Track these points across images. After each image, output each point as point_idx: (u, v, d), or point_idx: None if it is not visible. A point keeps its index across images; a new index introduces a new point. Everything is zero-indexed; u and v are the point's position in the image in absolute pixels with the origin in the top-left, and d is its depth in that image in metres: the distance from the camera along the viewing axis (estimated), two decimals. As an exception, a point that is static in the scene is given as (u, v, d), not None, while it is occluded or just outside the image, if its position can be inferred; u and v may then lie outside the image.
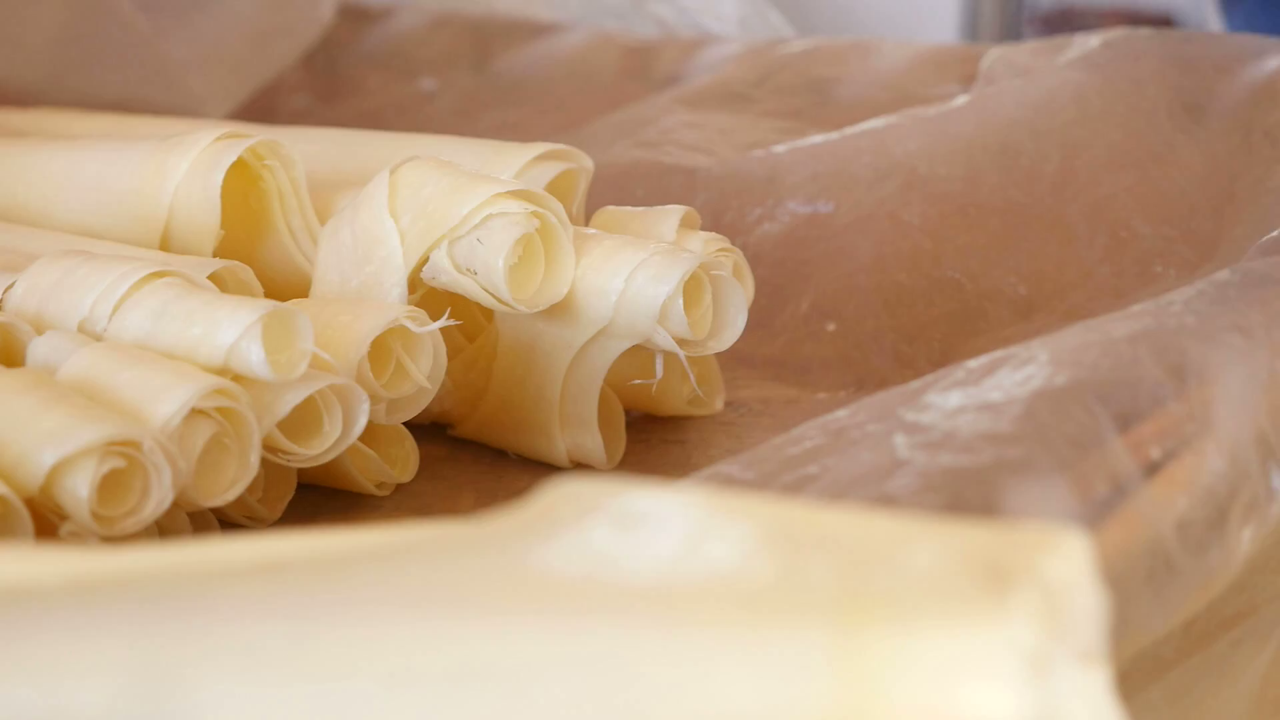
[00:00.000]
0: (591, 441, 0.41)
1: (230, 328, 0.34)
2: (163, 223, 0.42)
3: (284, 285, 0.42)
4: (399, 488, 0.41)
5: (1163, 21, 1.67)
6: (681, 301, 0.38)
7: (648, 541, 0.20)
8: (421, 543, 0.21)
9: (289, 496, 0.39)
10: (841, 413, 0.33)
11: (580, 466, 0.42)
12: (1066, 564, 0.20)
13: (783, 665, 0.18)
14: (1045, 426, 0.27)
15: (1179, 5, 1.72)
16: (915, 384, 0.31)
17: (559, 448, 0.41)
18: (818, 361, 0.47)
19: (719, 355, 0.44)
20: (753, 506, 0.21)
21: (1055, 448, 0.27)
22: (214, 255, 0.41)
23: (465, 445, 0.43)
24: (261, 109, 0.65)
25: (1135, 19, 1.68)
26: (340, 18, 0.68)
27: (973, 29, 1.73)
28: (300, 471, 0.39)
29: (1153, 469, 0.28)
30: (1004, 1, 1.75)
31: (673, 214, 0.41)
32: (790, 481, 0.30)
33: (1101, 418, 0.29)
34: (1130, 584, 0.26)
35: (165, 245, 0.42)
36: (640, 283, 0.38)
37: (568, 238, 0.39)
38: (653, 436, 0.44)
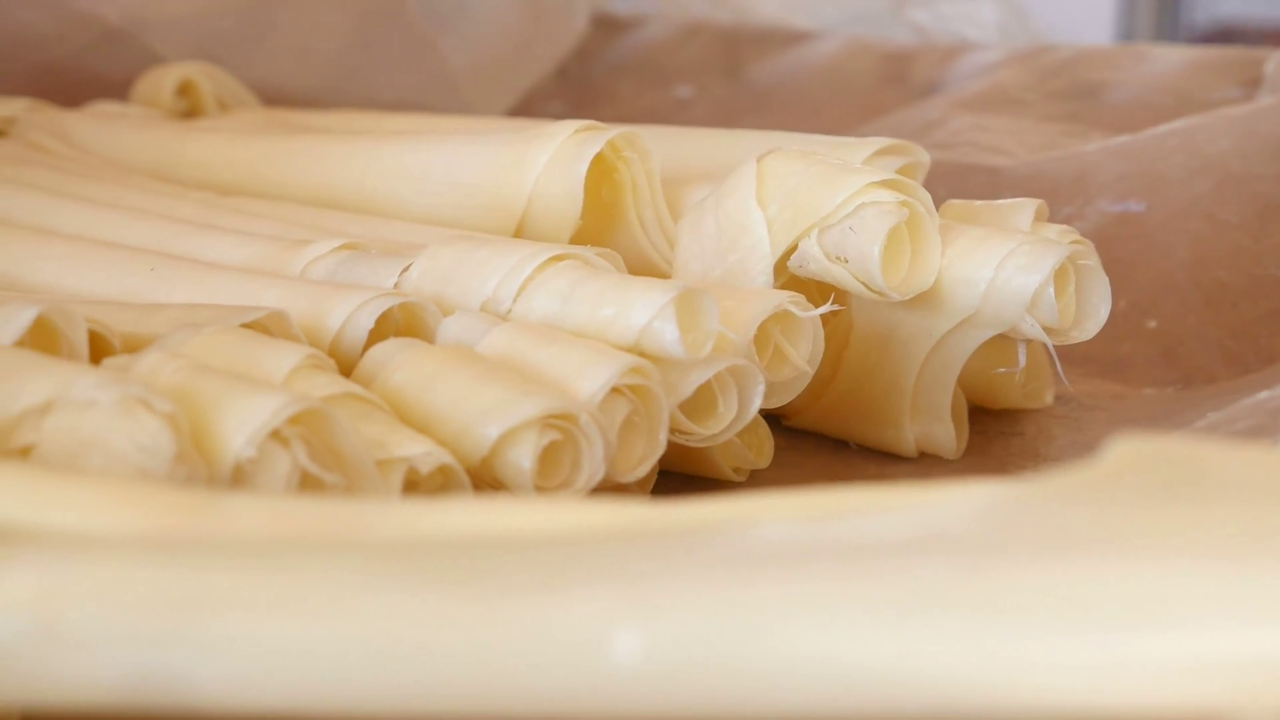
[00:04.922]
0: (942, 431, 0.41)
1: (644, 308, 0.35)
2: (520, 213, 0.42)
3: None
4: (752, 474, 0.41)
5: (1329, 40, 1.65)
6: (1052, 290, 0.38)
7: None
8: (1010, 493, 0.22)
9: (654, 478, 0.39)
10: (1264, 394, 0.33)
11: (925, 456, 0.42)
12: None
13: None
14: None
15: (1344, 24, 1.69)
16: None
17: (908, 438, 0.42)
18: (1139, 358, 0.47)
19: (1041, 350, 0.45)
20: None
21: None
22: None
23: (803, 435, 0.44)
24: (519, 116, 0.67)
25: (1298, 38, 1.66)
26: (592, 27, 0.69)
27: (1126, 49, 1.72)
28: (659, 455, 0.39)
29: None
30: (1159, 21, 1.74)
31: (1027, 206, 0.42)
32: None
33: None
34: None
35: (520, 234, 0.43)
36: (1010, 272, 0.39)
37: (934, 227, 0.39)
38: (989, 429, 0.44)
